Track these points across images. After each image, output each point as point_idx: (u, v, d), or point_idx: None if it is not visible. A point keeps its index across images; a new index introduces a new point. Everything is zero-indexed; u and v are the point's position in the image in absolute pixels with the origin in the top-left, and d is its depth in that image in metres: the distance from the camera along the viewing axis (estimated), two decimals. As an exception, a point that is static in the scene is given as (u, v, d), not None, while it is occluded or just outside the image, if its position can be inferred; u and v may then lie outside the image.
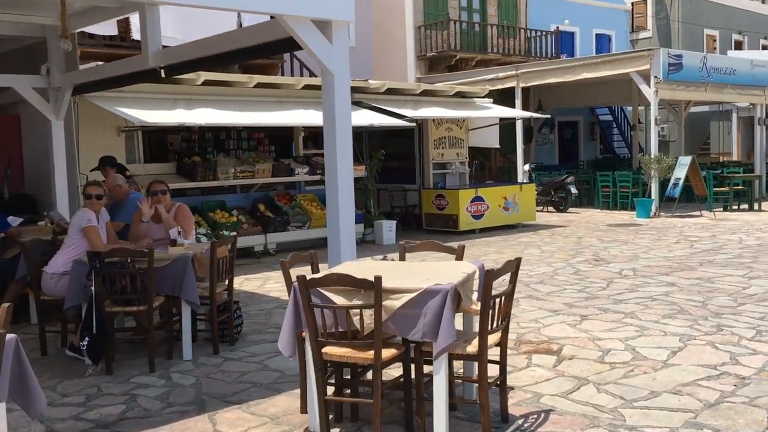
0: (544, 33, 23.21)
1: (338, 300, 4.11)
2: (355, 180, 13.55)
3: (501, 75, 18.76)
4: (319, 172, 12.11)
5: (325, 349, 4.12)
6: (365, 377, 4.62)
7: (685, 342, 6.00)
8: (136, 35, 13.02)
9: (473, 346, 4.13)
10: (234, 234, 10.20)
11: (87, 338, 5.38)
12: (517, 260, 4.36)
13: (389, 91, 13.72)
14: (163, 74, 7.42)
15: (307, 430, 4.33)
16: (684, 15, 29.95)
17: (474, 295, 4.34)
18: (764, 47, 32.36)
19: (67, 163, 9.35)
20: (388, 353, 4.09)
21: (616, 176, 18.05)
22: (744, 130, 28.33)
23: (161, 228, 6.52)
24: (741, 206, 17.93)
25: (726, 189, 17.69)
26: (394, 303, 4.02)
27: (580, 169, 23.36)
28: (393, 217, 14.46)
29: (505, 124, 18.68)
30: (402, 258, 5.23)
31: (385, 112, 12.88)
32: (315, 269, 4.85)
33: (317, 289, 4.13)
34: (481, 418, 4.11)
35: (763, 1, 33.86)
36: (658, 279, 8.81)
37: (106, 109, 9.76)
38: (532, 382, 5.13)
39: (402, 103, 13.77)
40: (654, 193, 16.45)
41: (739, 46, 32.09)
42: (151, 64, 7.20)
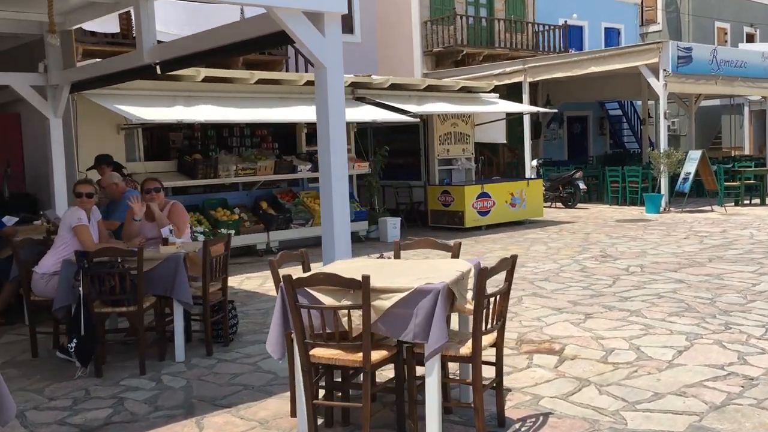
0: (552, 27, 22.94)
1: (327, 300, 3.96)
2: (359, 177, 13.63)
3: (508, 70, 18.55)
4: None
5: (313, 352, 3.97)
6: (357, 380, 4.47)
7: (691, 341, 5.81)
8: (138, 33, 12.89)
9: (467, 348, 3.97)
10: (230, 232, 10.10)
11: (75, 340, 5.26)
12: (512, 258, 4.20)
13: (393, 87, 13.54)
14: (158, 70, 7.30)
15: (295, 434, 4.19)
16: (694, 8, 29.58)
17: (469, 294, 4.19)
18: (776, 40, 31.96)
19: (66, 162, 9.22)
20: (378, 355, 3.94)
21: (626, 171, 17.80)
22: (756, 123, 27.95)
23: (155, 226, 6.39)
24: (753, 201, 17.65)
25: (737, 183, 17.42)
26: (383, 303, 3.87)
27: (589, 164, 23.11)
28: (398, 214, 14.29)
29: (513, 120, 18.49)
30: (397, 256, 5.08)
31: (388, 108, 12.71)
32: (306, 268, 4.71)
33: (305, 289, 3.99)
34: (476, 422, 3.96)
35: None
36: (665, 276, 8.61)
37: (105, 107, 9.67)
38: (532, 383, 4.97)
39: (406, 98, 13.59)
40: (663, 188, 16.21)
41: (751, 39, 31.69)
42: (145, 60, 7.09)
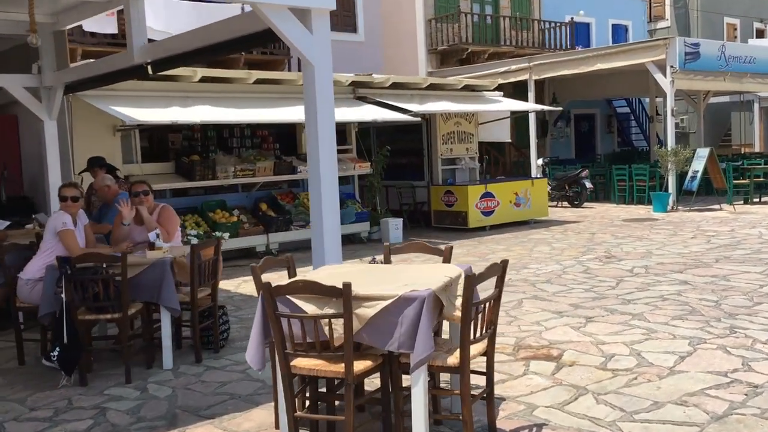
0: (559, 24, 22.69)
1: (309, 308, 3.80)
2: (360, 177, 13.44)
3: (513, 68, 18.34)
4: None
5: (295, 362, 3.81)
6: (343, 390, 4.30)
7: (694, 346, 5.62)
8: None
9: (455, 357, 3.80)
10: (222, 236, 9.97)
11: (58, 348, 5.12)
12: (503, 263, 4.02)
13: (395, 86, 13.35)
14: (150, 70, 7.17)
15: (278, 447, 4.04)
16: (703, 3, 29.24)
17: (458, 301, 4.02)
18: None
19: (61, 164, 9.10)
20: (362, 365, 3.78)
21: (633, 170, 17.55)
22: (766, 120, 27.61)
23: (144, 230, 6.23)
24: (762, 199, 17.37)
25: (746, 181, 17.15)
26: (367, 311, 3.70)
27: (597, 162, 22.83)
28: (401, 214, 14.12)
29: (520, 118, 18.28)
30: (387, 260, 4.92)
31: (390, 107, 12.53)
32: (292, 274, 4.56)
33: (286, 297, 3.83)
34: (465, 434, 3.79)
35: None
36: (670, 277, 8.41)
37: (101, 109, 9.54)
38: (528, 391, 4.80)
39: (408, 97, 13.40)
40: (671, 187, 15.96)
41: (761, 34, 31.31)
42: (135, 60, 6.96)
